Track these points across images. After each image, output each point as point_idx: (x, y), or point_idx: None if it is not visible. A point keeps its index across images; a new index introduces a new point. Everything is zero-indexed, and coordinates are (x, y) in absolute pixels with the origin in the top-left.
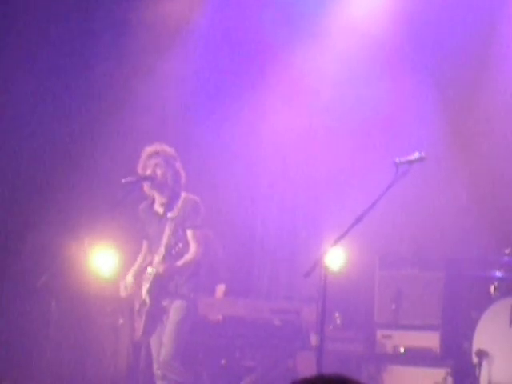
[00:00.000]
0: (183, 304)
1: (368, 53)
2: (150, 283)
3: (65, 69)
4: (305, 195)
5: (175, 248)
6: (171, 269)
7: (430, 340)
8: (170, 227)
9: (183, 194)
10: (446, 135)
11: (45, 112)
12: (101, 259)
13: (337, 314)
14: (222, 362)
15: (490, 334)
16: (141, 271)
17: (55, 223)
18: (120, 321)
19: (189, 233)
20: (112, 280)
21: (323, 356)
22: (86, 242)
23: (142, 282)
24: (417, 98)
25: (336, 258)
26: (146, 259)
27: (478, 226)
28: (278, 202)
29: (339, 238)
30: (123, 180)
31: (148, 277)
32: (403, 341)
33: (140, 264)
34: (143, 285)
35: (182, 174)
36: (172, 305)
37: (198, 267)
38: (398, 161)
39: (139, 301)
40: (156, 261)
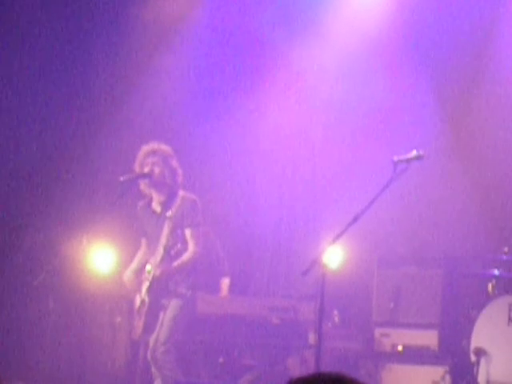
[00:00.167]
0: (179, 301)
1: (367, 50)
2: (149, 283)
3: (63, 68)
4: (303, 193)
5: (174, 249)
6: (169, 270)
7: (429, 338)
8: (168, 226)
9: (181, 193)
10: (444, 133)
11: (42, 111)
12: (99, 257)
13: (335, 312)
14: (220, 360)
15: (488, 332)
16: (140, 269)
17: (53, 221)
18: (118, 319)
19: (187, 232)
20: (110, 278)
21: (321, 354)
22: (84, 240)
23: (141, 280)
24: (415, 96)
25: (334, 256)
26: (144, 257)
27: (477, 225)
28: (276, 200)
29: (337, 237)
30: (121, 178)
31: (147, 276)
32: (401, 339)
33: (139, 262)
34: (143, 284)
35: (180, 172)
36: (170, 302)
37: (196, 265)
38: (396, 159)
39: (139, 299)
40: (154, 261)
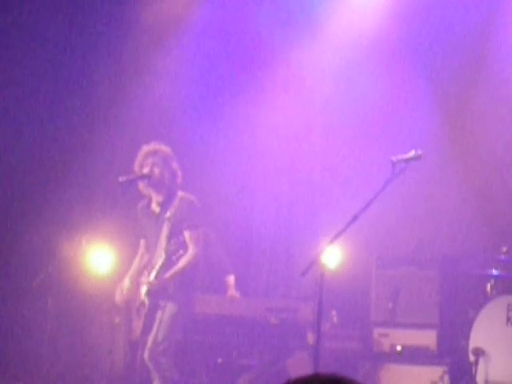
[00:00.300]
0: (177, 301)
1: (365, 51)
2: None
3: (61, 67)
4: (301, 194)
5: (176, 254)
6: (168, 279)
7: (427, 338)
8: (167, 227)
9: (180, 193)
10: (442, 133)
11: (41, 111)
12: (98, 258)
13: (334, 313)
14: (219, 360)
15: (486, 332)
16: (139, 271)
17: (52, 222)
18: (116, 319)
19: (186, 234)
20: (109, 279)
21: (320, 354)
22: (83, 241)
23: (140, 282)
24: (413, 96)
25: (333, 256)
26: (143, 258)
27: (475, 225)
28: (274, 200)
29: (336, 237)
30: (120, 178)
31: (147, 279)
32: (400, 339)
33: (138, 263)
34: (142, 286)
35: (179, 173)
36: (168, 302)
37: (196, 266)
38: (394, 159)
39: (138, 301)
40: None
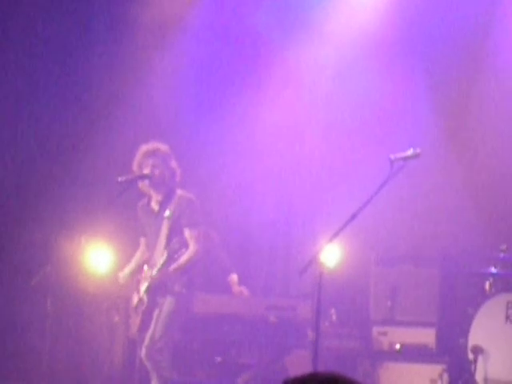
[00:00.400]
0: (174, 299)
1: (364, 49)
2: (148, 284)
3: (60, 67)
4: (300, 192)
5: (178, 253)
6: (169, 274)
7: (426, 336)
8: (166, 226)
9: (178, 192)
10: (441, 131)
11: (41, 111)
12: (97, 257)
13: (332, 311)
14: (218, 359)
15: (485, 330)
16: (138, 268)
17: (51, 221)
18: (115, 318)
19: (186, 232)
20: (108, 278)
21: (319, 352)
22: (82, 240)
23: (140, 279)
24: (412, 94)
25: (331, 254)
26: (143, 256)
27: (474, 223)
28: (273, 199)
29: (335, 235)
30: (119, 178)
31: (146, 276)
32: (399, 337)
33: (138, 261)
34: (142, 283)
35: (178, 171)
36: (165, 300)
37: (195, 263)
38: (393, 157)
39: (136, 298)
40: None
